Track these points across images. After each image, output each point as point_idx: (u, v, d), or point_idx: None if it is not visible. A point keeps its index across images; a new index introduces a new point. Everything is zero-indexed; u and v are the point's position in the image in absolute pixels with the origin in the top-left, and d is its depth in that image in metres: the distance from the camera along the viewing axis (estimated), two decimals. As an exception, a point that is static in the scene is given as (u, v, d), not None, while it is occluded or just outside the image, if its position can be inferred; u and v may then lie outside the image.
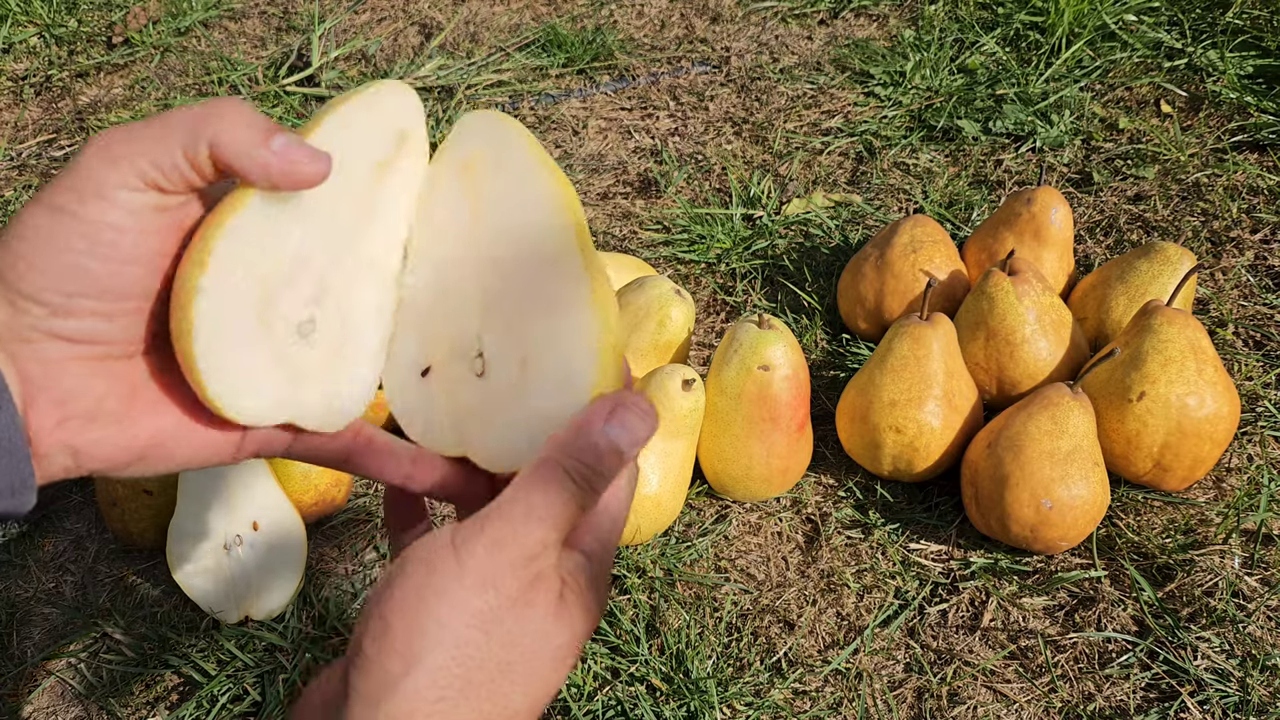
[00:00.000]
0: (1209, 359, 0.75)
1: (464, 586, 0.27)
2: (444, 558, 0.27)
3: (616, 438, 0.29)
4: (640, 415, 0.29)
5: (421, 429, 0.35)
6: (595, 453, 0.29)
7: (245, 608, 0.77)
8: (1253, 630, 0.73)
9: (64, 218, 0.27)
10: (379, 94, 0.32)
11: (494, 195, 0.33)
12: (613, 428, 0.29)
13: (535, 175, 0.32)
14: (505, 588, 0.27)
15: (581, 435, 0.29)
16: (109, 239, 0.27)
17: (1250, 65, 1.18)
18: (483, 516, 0.28)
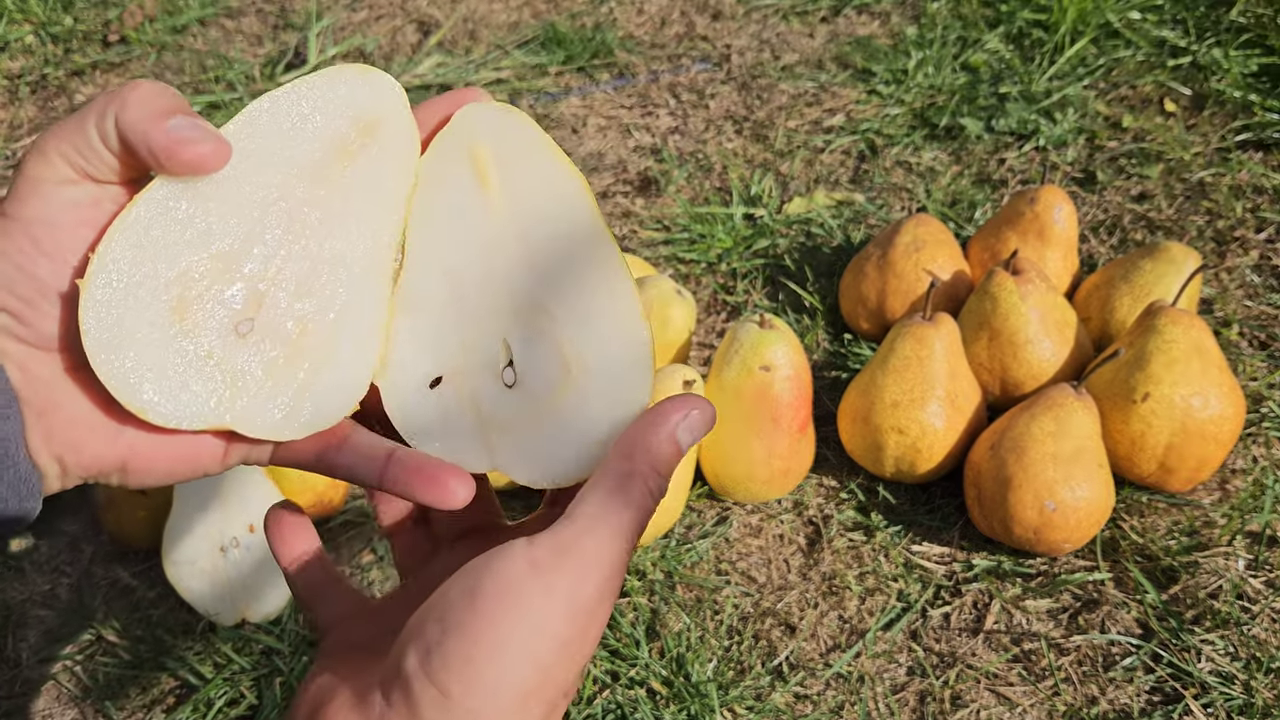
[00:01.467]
0: (1214, 359, 0.75)
1: (553, 616, 0.25)
2: (528, 586, 0.25)
3: (684, 440, 0.28)
4: (704, 414, 0.28)
5: (439, 445, 0.31)
6: (668, 460, 0.27)
7: (242, 610, 0.76)
8: (1257, 633, 0.72)
9: (9, 222, 0.27)
10: (329, 79, 0.29)
11: (514, 191, 0.30)
12: (684, 431, 0.28)
13: (556, 168, 0.30)
14: (593, 611, 0.26)
15: (656, 441, 0.27)
16: (48, 236, 0.27)
17: (1254, 64, 1.17)
18: (562, 537, 0.26)
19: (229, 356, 0.29)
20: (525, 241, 0.30)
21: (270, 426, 0.29)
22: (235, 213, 0.29)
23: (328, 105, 0.29)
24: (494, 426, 0.31)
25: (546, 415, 0.30)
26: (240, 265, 0.29)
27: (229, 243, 0.29)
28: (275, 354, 0.29)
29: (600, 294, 0.30)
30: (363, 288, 0.30)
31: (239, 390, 0.29)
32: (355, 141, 0.30)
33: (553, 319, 0.30)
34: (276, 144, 0.29)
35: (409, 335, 0.32)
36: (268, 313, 0.29)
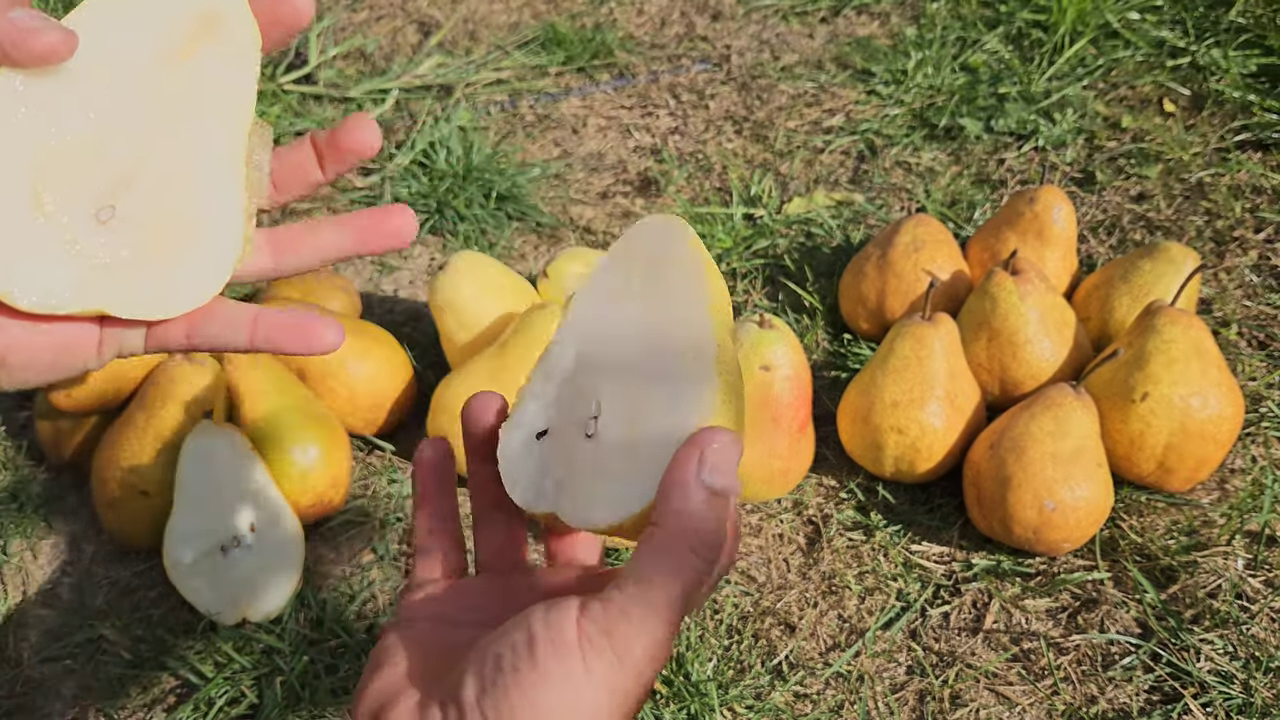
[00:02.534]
0: (1213, 359, 0.75)
1: (590, 697, 0.25)
2: (572, 661, 0.26)
3: (715, 484, 0.27)
4: (724, 445, 0.27)
5: (522, 489, 0.34)
6: (702, 515, 0.27)
7: (242, 610, 0.76)
8: (1256, 632, 0.72)
9: None
10: None
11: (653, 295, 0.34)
12: (709, 476, 0.27)
13: (696, 277, 0.33)
14: (629, 692, 0.26)
15: (683, 501, 0.26)
16: None
17: (1254, 64, 1.17)
18: (608, 615, 0.26)
19: (93, 242, 0.30)
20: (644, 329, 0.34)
21: (142, 306, 0.30)
22: (86, 104, 0.29)
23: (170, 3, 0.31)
24: (571, 473, 0.33)
25: (604, 464, 0.32)
26: (97, 154, 0.30)
27: (83, 133, 0.29)
28: (140, 237, 0.30)
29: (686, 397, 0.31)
30: (221, 171, 0.31)
31: (107, 273, 0.30)
32: (198, 34, 0.31)
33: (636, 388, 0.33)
34: (121, 37, 0.30)
35: (535, 396, 0.35)
36: (128, 199, 0.30)
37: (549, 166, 1.16)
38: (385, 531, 0.84)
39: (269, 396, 0.80)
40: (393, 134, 1.23)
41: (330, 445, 0.81)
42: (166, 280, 0.30)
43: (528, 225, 1.10)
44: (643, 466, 0.30)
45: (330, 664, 0.75)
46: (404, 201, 1.12)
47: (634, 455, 0.31)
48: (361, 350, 0.86)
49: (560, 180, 1.15)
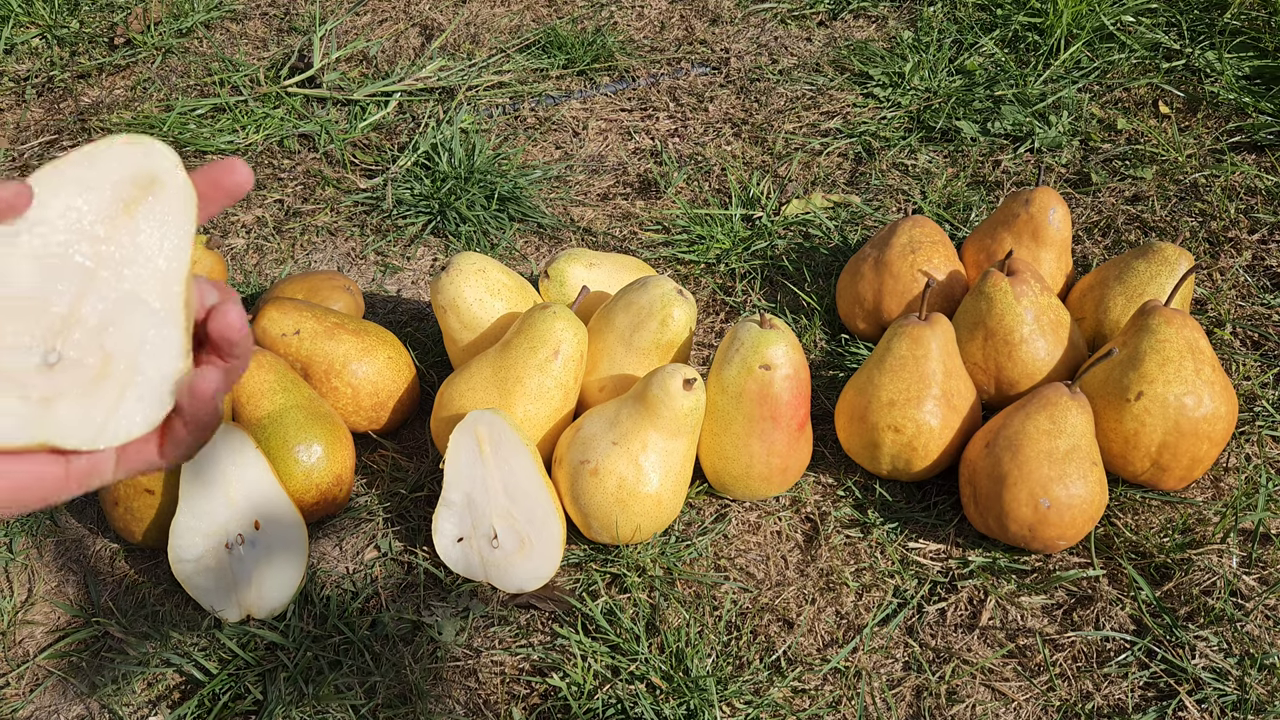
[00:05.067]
0: (1207, 359, 0.76)
1: None
2: None
3: None
4: None
5: (461, 568, 0.79)
6: None
7: (247, 606, 0.77)
8: (1250, 629, 0.73)
9: None
10: (103, 148, 0.35)
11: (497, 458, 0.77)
12: None
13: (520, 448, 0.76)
14: None
15: None
16: None
17: (1248, 66, 1.18)
18: None
19: (41, 382, 0.33)
20: (503, 484, 0.78)
21: (87, 437, 0.33)
22: (33, 259, 0.33)
23: (107, 167, 0.35)
24: (489, 565, 0.79)
25: (512, 562, 0.78)
26: (44, 306, 0.33)
27: (31, 285, 0.33)
28: (85, 376, 0.34)
29: (539, 507, 0.77)
30: (162, 319, 0.35)
31: (53, 410, 0.33)
32: (137, 195, 0.35)
33: (518, 521, 0.77)
34: (64, 199, 0.34)
35: (447, 519, 0.79)
36: (74, 344, 0.34)
37: (550, 168, 1.17)
38: (388, 529, 0.84)
39: (273, 396, 0.81)
40: (395, 136, 1.24)
41: (333, 444, 0.81)
42: (110, 411, 0.34)
43: (529, 226, 1.11)
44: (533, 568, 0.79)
45: (334, 660, 0.76)
46: (406, 203, 1.13)
47: (525, 561, 0.78)
48: (364, 350, 0.87)
49: (561, 182, 1.16)
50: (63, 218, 0.34)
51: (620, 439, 0.75)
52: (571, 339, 0.79)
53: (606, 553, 0.81)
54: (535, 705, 0.73)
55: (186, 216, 0.36)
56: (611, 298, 0.84)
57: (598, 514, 0.77)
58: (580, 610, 0.78)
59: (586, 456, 0.76)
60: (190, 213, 0.36)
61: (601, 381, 0.83)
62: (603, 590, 0.79)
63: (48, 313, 0.33)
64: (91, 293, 0.34)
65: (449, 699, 0.74)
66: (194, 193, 0.36)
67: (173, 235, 0.36)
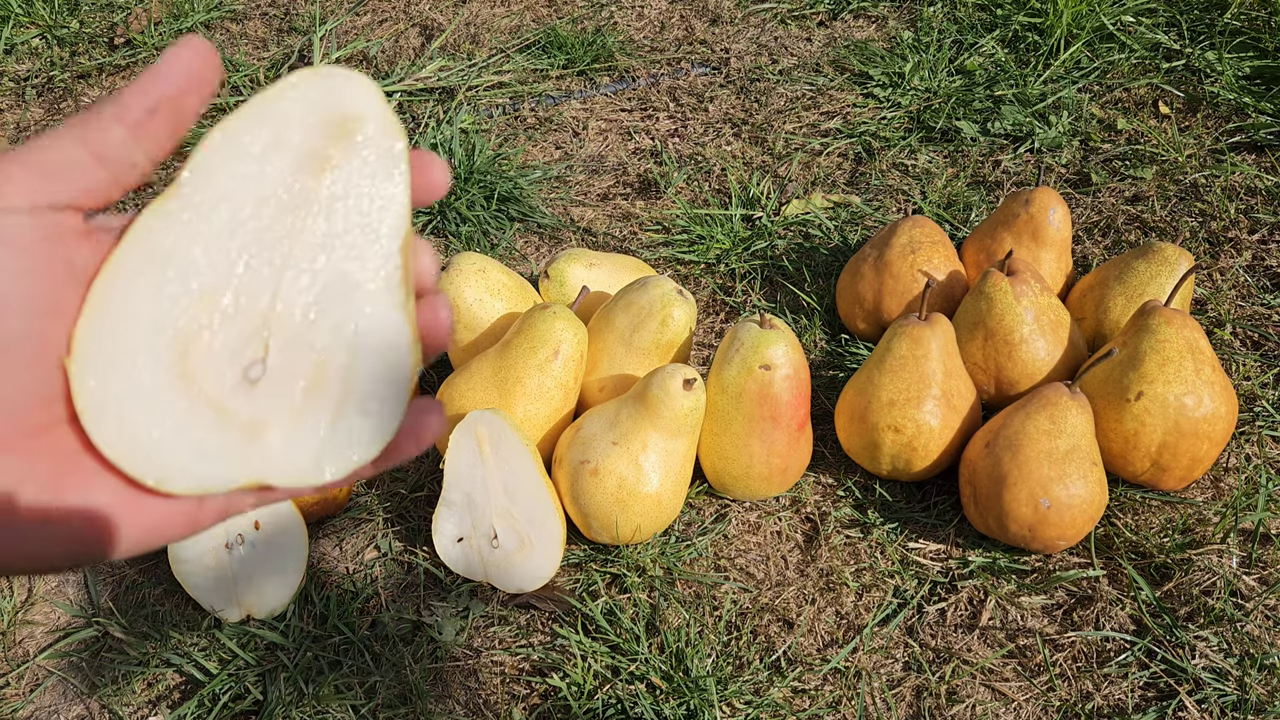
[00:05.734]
0: (1207, 359, 0.76)
1: None
2: None
3: None
4: None
5: (461, 568, 0.79)
6: None
7: (246, 606, 0.77)
8: (1250, 629, 0.73)
9: None
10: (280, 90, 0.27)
11: (498, 457, 0.77)
12: None
13: (519, 447, 0.76)
14: None
15: None
16: None
17: (1248, 66, 1.18)
18: None
19: (244, 405, 0.26)
20: (503, 484, 0.77)
21: (305, 471, 0.26)
22: (223, 244, 0.26)
23: (291, 113, 0.27)
24: (489, 564, 0.78)
25: (510, 564, 0.78)
26: (240, 303, 0.26)
27: (223, 280, 0.26)
28: (296, 390, 0.26)
29: (539, 507, 0.77)
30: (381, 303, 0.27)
31: (262, 440, 0.26)
32: (333, 145, 0.27)
33: (518, 521, 0.77)
34: (242, 164, 0.27)
35: (447, 519, 0.78)
36: (278, 350, 0.26)
37: (550, 169, 1.17)
38: (388, 529, 0.84)
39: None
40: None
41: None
42: (331, 439, 0.26)
43: (529, 226, 1.11)
44: (532, 567, 0.78)
45: (334, 660, 0.76)
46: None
47: (529, 560, 0.78)
48: (364, 350, 0.87)
49: (561, 182, 1.16)
50: (244, 188, 0.26)
51: (620, 439, 0.75)
52: (571, 339, 0.79)
53: (606, 553, 0.81)
54: (535, 705, 0.73)
55: (397, 163, 0.27)
56: (611, 298, 0.84)
57: (598, 514, 0.77)
58: (580, 610, 0.78)
59: (586, 456, 0.76)
60: (403, 157, 0.27)
61: (601, 381, 0.83)
62: (603, 590, 0.79)
63: (242, 312, 0.26)
64: (291, 279, 0.26)
65: (449, 699, 0.74)
66: (403, 131, 0.28)
67: (383, 190, 0.27)
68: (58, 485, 0.23)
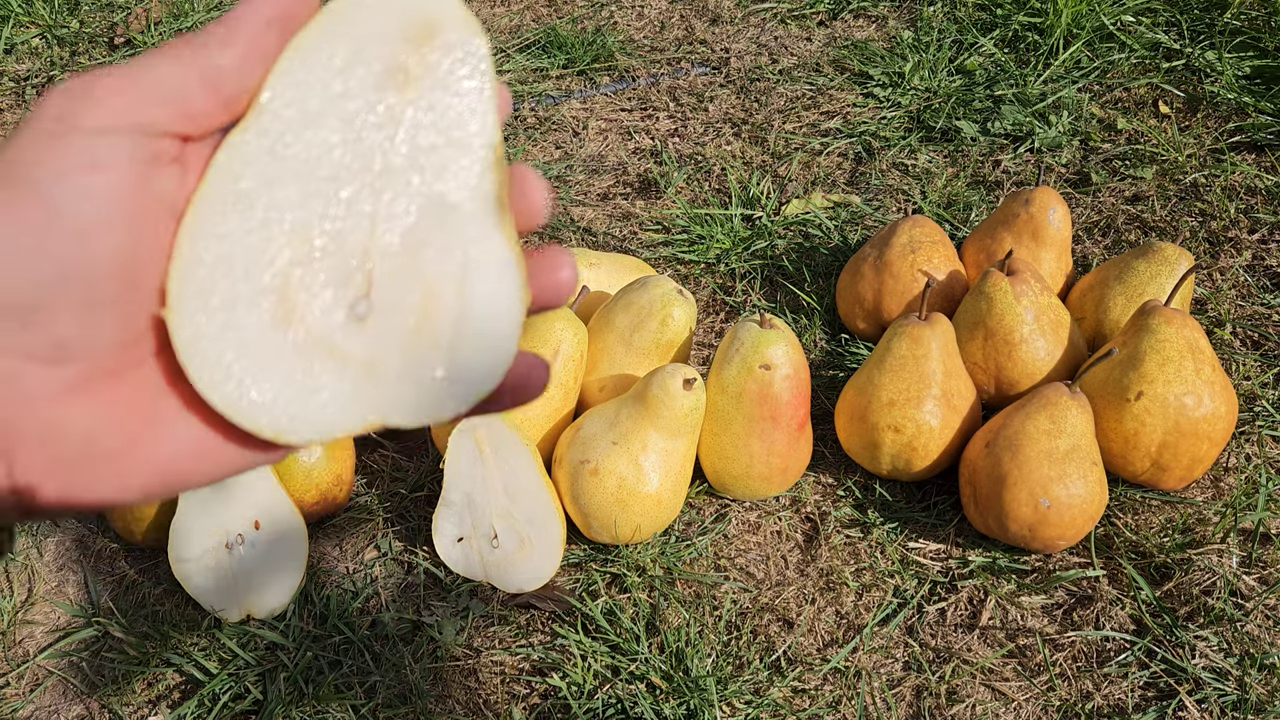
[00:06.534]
0: (1207, 359, 0.76)
1: None
2: None
3: None
4: None
5: (461, 568, 0.79)
6: None
7: (247, 606, 0.77)
8: (1250, 629, 0.73)
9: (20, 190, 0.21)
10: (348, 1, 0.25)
11: (498, 458, 0.77)
12: None
13: (519, 447, 0.77)
14: None
15: None
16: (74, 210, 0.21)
17: (1248, 66, 1.18)
18: None
19: (356, 344, 0.25)
20: (503, 484, 0.78)
21: (426, 409, 0.25)
22: (311, 173, 0.25)
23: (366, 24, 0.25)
24: (489, 564, 0.79)
25: (511, 565, 0.78)
26: (335, 236, 0.25)
27: (314, 214, 0.25)
28: (405, 327, 0.25)
29: (539, 507, 0.77)
30: (478, 225, 0.25)
31: (379, 377, 0.25)
32: (414, 55, 0.25)
33: (518, 521, 0.78)
34: (330, 87, 0.25)
35: (447, 519, 0.79)
36: (382, 283, 0.25)
37: (550, 168, 1.17)
38: (388, 529, 0.84)
39: (273, 396, 0.81)
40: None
41: (333, 444, 0.81)
42: (446, 371, 0.25)
43: (528, 227, 1.11)
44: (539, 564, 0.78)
45: (334, 660, 0.76)
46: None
47: (530, 561, 0.78)
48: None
49: (561, 182, 1.16)
50: (327, 110, 0.25)
51: (620, 439, 0.75)
52: (571, 339, 0.79)
53: (606, 553, 0.81)
54: (535, 705, 0.73)
55: (482, 71, 0.25)
56: (611, 298, 0.84)
57: (598, 514, 0.77)
58: (580, 610, 0.78)
59: (586, 456, 0.76)
60: (487, 63, 0.26)
61: (601, 381, 0.83)
62: (603, 590, 0.79)
63: (341, 245, 0.24)
64: (386, 205, 0.25)
65: (449, 699, 0.74)
66: (482, 31, 0.26)
67: (469, 100, 0.25)
68: (142, 426, 0.23)
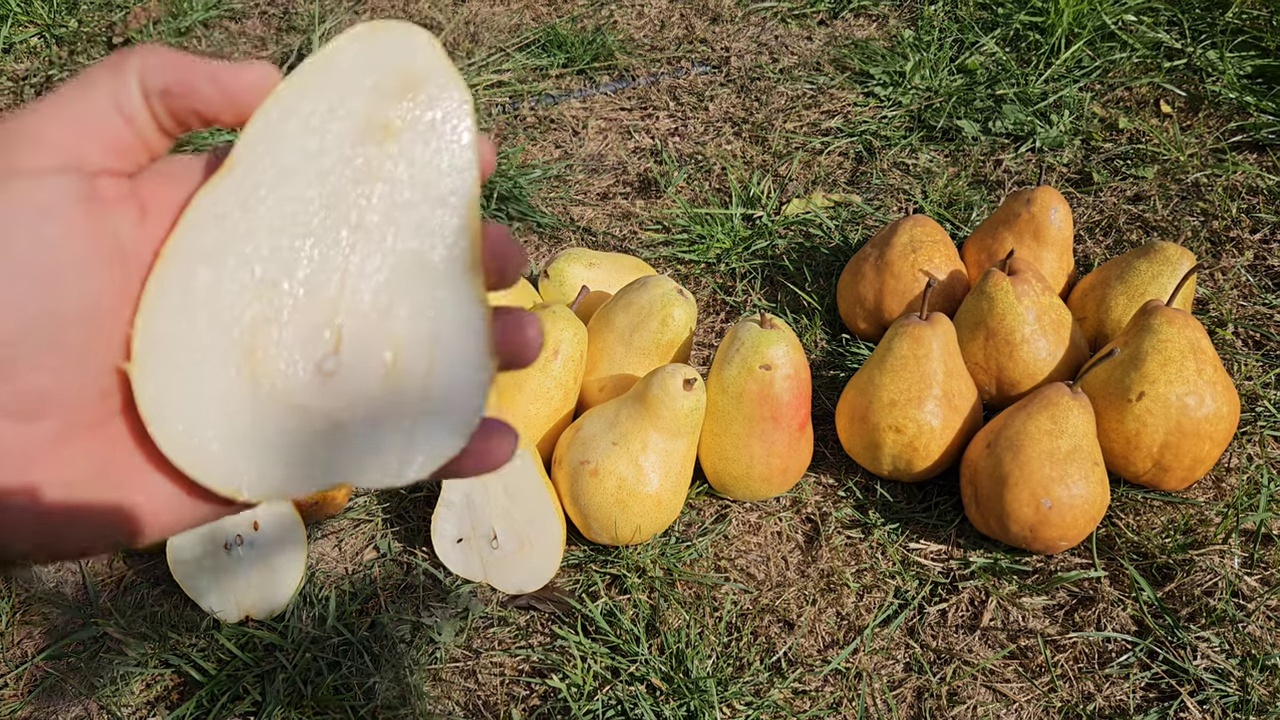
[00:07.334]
0: (1208, 359, 0.75)
1: None
2: None
3: None
4: None
5: (461, 569, 0.79)
6: None
7: (245, 607, 0.77)
8: (1252, 630, 0.73)
9: None
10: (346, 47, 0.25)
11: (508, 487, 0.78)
12: None
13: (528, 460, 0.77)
14: None
15: None
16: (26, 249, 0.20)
17: (1249, 65, 1.18)
18: None
19: (321, 402, 0.24)
20: (502, 485, 0.78)
21: (388, 469, 0.24)
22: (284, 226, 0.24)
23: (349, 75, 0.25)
24: (489, 564, 0.79)
25: (511, 563, 0.78)
26: (307, 290, 0.24)
27: (285, 269, 0.24)
28: (374, 382, 0.24)
29: (539, 507, 0.78)
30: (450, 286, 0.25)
31: (343, 438, 0.24)
32: (395, 107, 0.25)
33: (517, 521, 0.78)
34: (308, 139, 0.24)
35: (446, 519, 0.79)
36: (351, 341, 0.24)
37: (549, 168, 1.17)
38: (387, 530, 0.84)
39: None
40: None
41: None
42: (410, 433, 0.24)
43: (528, 226, 1.11)
44: (536, 567, 0.78)
45: (333, 661, 0.76)
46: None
47: (526, 561, 0.78)
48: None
49: (561, 181, 1.16)
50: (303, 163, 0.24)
51: (620, 439, 0.75)
52: (571, 339, 0.79)
53: (606, 553, 0.81)
54: (535, 707, 0.73)
55: (465, 127, 0.25)
56: (611, 298, 0.84)
57: (597, 515, 0.76)
58: (580, 611, 0.78)
59: (586, 457, 0.76)
60: (469, 119, 0.25)
61: (601, 381, 0.83)
62: (602, 591, 0.79)
63: (311, 300, 0.24)
64: (359, 262, 0.24)
65: (448, 700, 0.74)
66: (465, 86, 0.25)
67: (449, 156, 0.25)
68: (111, 482, 0.23)
